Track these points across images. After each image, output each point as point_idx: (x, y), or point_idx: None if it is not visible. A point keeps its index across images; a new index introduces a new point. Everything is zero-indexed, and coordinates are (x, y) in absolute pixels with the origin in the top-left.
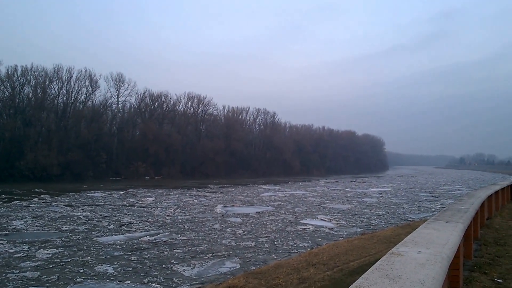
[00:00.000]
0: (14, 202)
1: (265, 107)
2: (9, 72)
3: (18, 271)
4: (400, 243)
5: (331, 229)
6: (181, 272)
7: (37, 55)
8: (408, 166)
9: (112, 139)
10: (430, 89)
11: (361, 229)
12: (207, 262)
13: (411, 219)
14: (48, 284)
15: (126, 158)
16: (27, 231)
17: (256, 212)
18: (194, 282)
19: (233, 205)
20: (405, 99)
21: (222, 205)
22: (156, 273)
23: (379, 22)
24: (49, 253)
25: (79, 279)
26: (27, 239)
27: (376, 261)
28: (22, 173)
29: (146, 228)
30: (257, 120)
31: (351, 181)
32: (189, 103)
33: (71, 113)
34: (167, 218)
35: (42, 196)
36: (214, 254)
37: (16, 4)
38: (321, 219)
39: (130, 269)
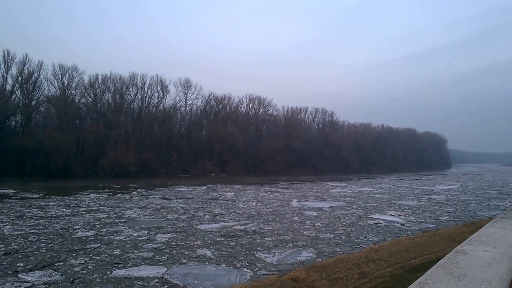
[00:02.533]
0: (118, 195)
1: (324, 106)
2: (92, 80)
3: (137, 251)
4: (465, 242)
5: (402, 224)
6: (263, 259)
7: (115, 64)
8: (472, 164)
9: (181, 139)
10: (490, 84)
11: (434, 225)
12: (287, 250)
13: (481, 217)
14: (160, 263)
15: (194, 156)
16: (140, 219)
17: (329, 207)
18: (273, 269)
19: (306, 200)
20: (464, 95)
21: (296, 200)
22: (242, 258)
23: (435, 18)
24: (166, 237)
25: (184, 260)
26: (143, 226)
27: (439, 259)
28: (104, 170)
29: (236, 218)
30: (316, 119)
31: (416, 179)
32: (251, 105)
33: (145, 116)
34: (251, 210)
35: (139, 190)
36: (294, 244)
37: (94, 18)
38: (391, 215)
39: (225, 253)
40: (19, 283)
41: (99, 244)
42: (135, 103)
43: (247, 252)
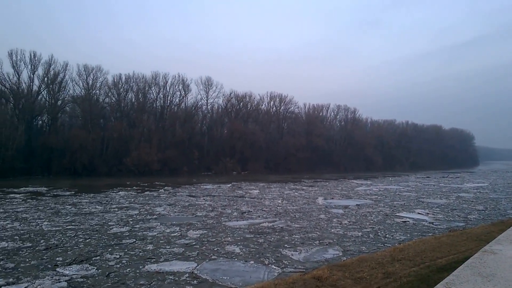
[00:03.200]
0: (146, 193)
1: (346, 103)
2: (115, 80)
3: (169, 247)
4: (493, 241)
5: (430, 223)
6: (290, 256)
7: (137, 64)
8: (501, 161)
9: (203, 137)
10: None
11: (463, 224)
12: (314, 248)
13: (511, 215)
14: (191, 259)
15: (215, 154)
16: (170, 216)
17: (356, 205)
18: (300, 266)
19: (332, 198)
20: (493, 91)
21: (322, 198)
22: (269, 255)
23: (459, 11)
24: (197, 234)
25: (213, 257)
26: (174, 222)
27: (467, 259)
28: (128, 168)
29: (263, 215)
30: (338, 116)
31: (443, 177)
32: (272, 102)
33: (168, 115)
34: (278, 208)
35: (166, 188)
36: (321, 242)
37: (104, 21)
38: (419, 213)
39: (253, 250)
40: (58, 276)
41: (134, 240)
42: (157, 102)
43: (275, 249)
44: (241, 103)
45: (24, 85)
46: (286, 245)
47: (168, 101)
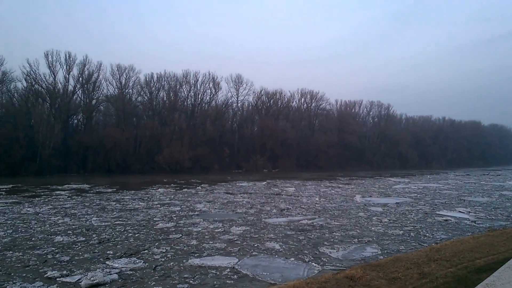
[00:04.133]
0: (184, 190)
1: (379, 99)
2: (147, 79)
3: (212, 242)
4: None
5: (472, 221)
6: (328, 254)
7: (168, 63)
8: None
9: (234, 135)
10: None
11: (506, 223)
12: (353, 246)
13: None
14: (233, 254)
15: (246, 152)
16: (211, 212)
17: (395, 203)
18: (339, 264)
19: (370, 196)
20: None
21: (360, 196)
22: (308, 252)
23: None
24: (240, 230)
25: (254, 253)
26: (216, 219)
27: (506, 260)
28: (160, 166)
29: (302, 213)
30: (371, 112)
31: (484, 174)
32: (303, 99)
33: (198, 113)
34: (316, 205)
35: (203, 185)
36: (360, 240)
37: (129, 20)
38: (460, 212)
39: (293, 247)
40: (108, 269)
41: (181, 235)
42: (188, 100)
43: (314, 246)
44: (272, 100)
45: (60, 85)
46: (325, 243)
47: (199, 99)
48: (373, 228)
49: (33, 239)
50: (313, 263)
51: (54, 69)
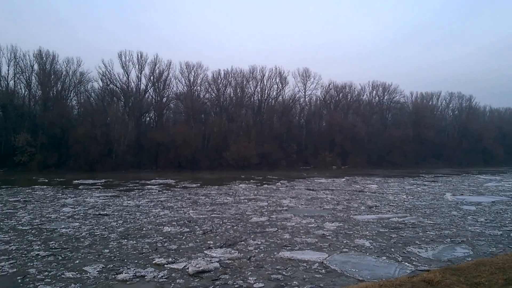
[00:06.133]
0: (264, 186)
1: (460, 90)
2: (215, 76)
3: (304, 237)
4: None
5: None
6: (417, 253)
7: (236, 59)
8: None
9: (301, 130)
10: None
11: None
12: (446, 246)
13: None
14: (323, 250)
15: (314, 148)
16: (298, 208)
17: (491, 202)
18: (431, 264)
19: (462, 194)
20: None
21: (450, 193)
22: (397, 250)
23: None
24: (334, 226)
25: (344, 249)
26: (306, 214)
27: None
28: (228, 162)
29: (392, 210)
30: (450, 105)
31: None
32: (374, 92)
33: (265, 109)
34: (405, 203)
35: (282, 181)
36: (452, 239)
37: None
38: None
39: (384, 244)
40: (209, 258)
41: (276, 229)
42: (255, 96)
43: (405, 245)
44: (341, 94)
45: (133, 84)
46: (417, 242)
47: (266, 95)
48: (469, 228)
49: (143, 229)
50: (405, 263)
51: (127, 68)
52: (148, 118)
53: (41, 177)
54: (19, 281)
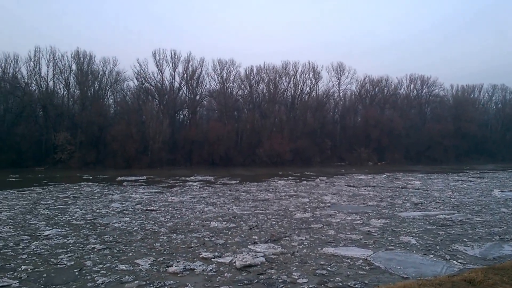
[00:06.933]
0: (303, 182)
1: (504, 82)
2: (247, 73)
3: (349, 233)
4: None
5: None
6: (464, 251)
7: (268, 55)
8: None
9: (335, 126)
10: None
11: None
12: (492, 243)
13: None
14: (367, 247)
15: (349, 144)
16: (341, 204)
17: None
18: (477, 263)
19: (511, 190)
20: None
21: (498, 190)
22: (441, 247)
23: None
24: (380, 222)
25: (390, 247)
26: (350, 211)
27: None
28: (261, 159)
29: (439, 207)
30: (493, 98)
31: None
32: (412, 85)
33: (298, 104)
34: (451, 200)
35: (320, 177)
36: (502, 237)
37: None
38: None
39: (430, 242)
40: (253, 252)
41: (322, 225)
42: (288, 91)
43: (453, 242)
44: (377, 88)
45: (167, 82)
46: (465, 240)
47: (299, 90)
48: None
49: (191, 224)
50: (453, 261)
51: (161, 67)
52: (181, 116)
53: (81, 174)
54: (76, 273)
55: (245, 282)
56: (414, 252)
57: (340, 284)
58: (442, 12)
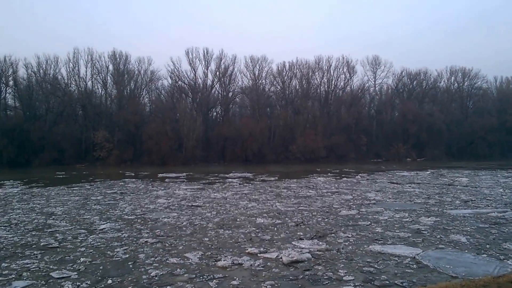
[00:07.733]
0: (343, 179)
1: None
2: (279, 69)
3: (397, 231)
4: None
5: None
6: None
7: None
8: None
9: (371, 121)
10: None
11: None
12: None
13: None
14: (416, 245)
15: (385, 140)
16: (387, 201)
17: None
18: None
19: None
20: None
21: None
22: (493, 246)
23: None
24: (430, 220)
25: (440, 245)
26: (397, 208)
27: None
28: (294, 155)
29: (490, 205)
30: None
31: None
32: (452, 78)
33: (332, 100)
34: (503, 197)
35: (361, 174)
36: None
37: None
38: None
39: (482, 241)
40: (298, 248)
41: (369, 222)
42: (321, 87)
43: (505, 241)
44: (415, 82)
45: (200, 80)
46: None
47: (333, 85)
48: None
49: (237, 220)
50: (507, 261)
51: (194, 65)
52: (214, 113)
53: (121, 171)
54: (131, 265)
55: (291, 277)
56: (466, 251)
57: (387, 282)
58: (483, 4)
